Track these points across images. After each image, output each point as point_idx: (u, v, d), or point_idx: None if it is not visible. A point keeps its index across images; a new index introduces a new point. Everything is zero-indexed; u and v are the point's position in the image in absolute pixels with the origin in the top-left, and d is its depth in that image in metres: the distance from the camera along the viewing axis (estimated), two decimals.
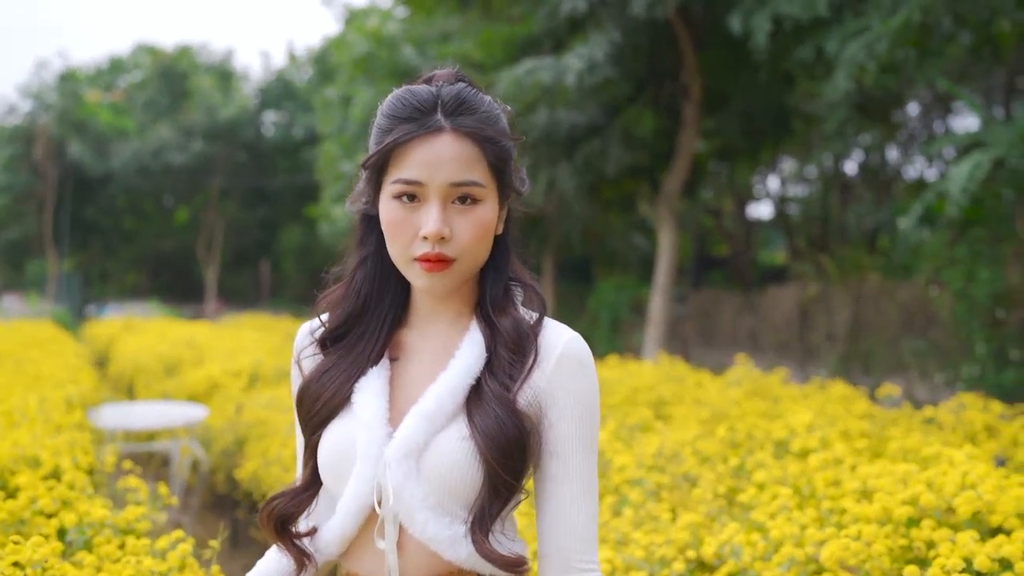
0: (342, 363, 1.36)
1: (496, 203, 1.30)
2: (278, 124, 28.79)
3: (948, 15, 5.47)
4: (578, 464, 1.30)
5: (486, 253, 1.31)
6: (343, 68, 14.99)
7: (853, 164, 15.34)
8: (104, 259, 31.11)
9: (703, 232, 19.35)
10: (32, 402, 4.02)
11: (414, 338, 1.38)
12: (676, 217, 9.36)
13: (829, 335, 10.11)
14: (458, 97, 1.28)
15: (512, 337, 1.31)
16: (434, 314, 1.37)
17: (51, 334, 11.88)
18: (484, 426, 1.25)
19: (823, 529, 2.03)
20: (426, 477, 1.26)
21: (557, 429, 1.30)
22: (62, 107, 27.39)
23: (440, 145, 1.25)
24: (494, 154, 1.29)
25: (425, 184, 1.25)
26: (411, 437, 1.26)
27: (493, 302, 1.35)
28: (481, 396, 1.28)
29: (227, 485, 5.45)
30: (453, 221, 1.26)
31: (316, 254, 27.29)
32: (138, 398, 7.92)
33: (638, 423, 4.18)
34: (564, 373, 1.30)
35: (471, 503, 1.27)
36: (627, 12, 7.55)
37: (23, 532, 2.19)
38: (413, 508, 1.25)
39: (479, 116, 1.29)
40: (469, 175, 1.26)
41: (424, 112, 1.27)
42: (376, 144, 1.30)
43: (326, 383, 1.35)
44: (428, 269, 1.26)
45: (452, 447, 1.26)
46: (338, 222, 14.15)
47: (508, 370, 1.30)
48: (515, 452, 1.26)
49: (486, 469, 1.25)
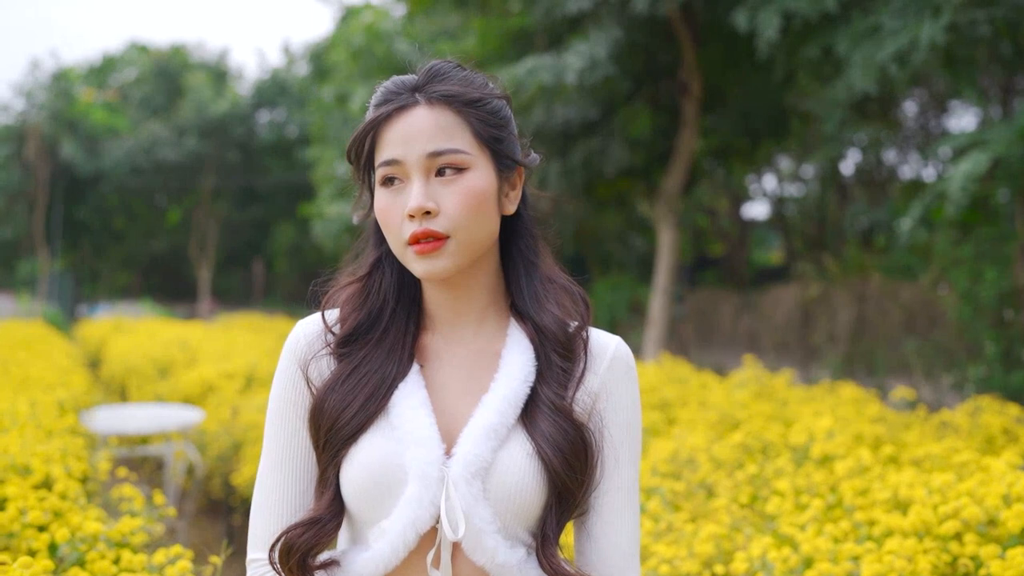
0: (364, 369, 1.21)
1: (490, 173, 1.18)
2: (272, 123, 28.66)
3: (986, 23, 5.36)
4: (624, 476, 1.22)
5: (486, 229, 1.18)
6: (339, 65, 14.89)
7: (849, 164, 15.30)
8: (95, 259, 30.91)
9: (697, 231, 19.29)
10: (22, 406, 3.89)
11: (439, 342, 1.25)
12: (676, 216, 9.27)
13: (831, 335, 10.04)
14: (431, 69, 1.20)
15: (560, 340, 1.20)
16: (456, 315, 1.24)
17: (41, 335, 11.73)
18: (551, 439, 1.14)
19: (860, 543, 1.92)
20: (492, 499, 1.14)
21: (610, 435, 1.21)
22: (54, 106, 27.20)
23: (413, 118, 1.16)
24: (478, 119, 1.18)
25: (403, 161, 1.16)
26: (479, 455, 1.13)
27: (530, 297, 1.23)
28: (538, 406, 1.17)
29: (223, 490, 5.34)
30: (438, 194, 1.15)
31: (309, 253, 27.18)
32: (131, 400, 7.80)
33: (647, 427, 4.08)
34: (615, 378, 1.22)
35: (533, 524, 1.17)
36: (629, 9, 7.46)
37: (12, 547, 2.07)
38: (483, 533, 1.12)
39: (452, 81, 1.19)
40: (447, 143, 1.15)
41: (399, 93, 1.18)
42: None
43: (350, 392, 1.19)
44: (420, 252, 1.15)
45: (518, 465, 1.14)
46: (332, 221, 14.04)
47: (560, 377, 1.19)
48: (582, 465, 1.17)
49: (552, 486, 1.15)
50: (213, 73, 28.44)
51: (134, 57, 30.71)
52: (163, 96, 27.99)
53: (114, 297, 29.54)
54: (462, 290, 1.23)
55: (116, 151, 26.82)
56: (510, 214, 1.24)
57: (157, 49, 29.75)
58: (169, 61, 28.59)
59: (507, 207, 1.23)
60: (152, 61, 28.94)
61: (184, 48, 29.45)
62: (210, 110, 26.21)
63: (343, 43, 13.68)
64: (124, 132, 27.65)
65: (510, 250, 1.27)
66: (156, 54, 29.37)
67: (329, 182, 14.88)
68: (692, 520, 2.60)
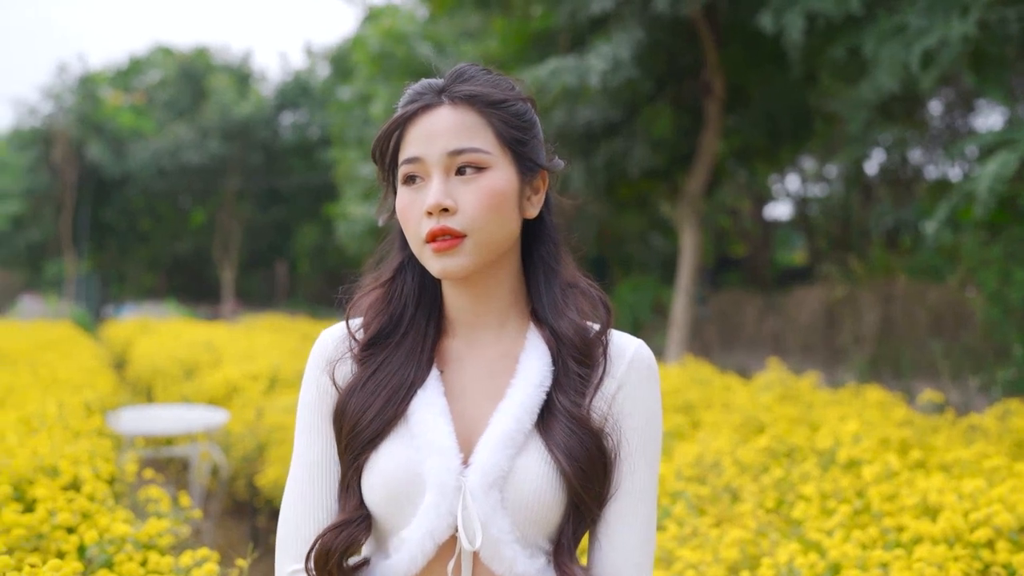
0: (384, 371, 1.21)
1: (511, 175, 1.18)
2: (295, 125, 28.80)
3: (1016, 21, 5.28)
4: (639, 481, 1.19)
5: (504, 229, 1.18)
6: (361, 66, 14.94)
7: (874, 164, 15.16)
8: (121, 260, 31.20)
9: (720, 232, 19.19)
10: (51, 407, 3.93)
11: (459, 347, 1.25)
12: (699, 218, 9.23)
13: (856, 337, 9.95)
14: (457, 71, 1.21)
15: (577, 346, 1.19)
16: (476, 319, 1.24)
17: (68, 335, 11.86)
18: (566, 447, 1.13)
19: (890, 550, 1.90)
20: (510, 508, 1.13)
21: (623, 437, 1.19)
22: (81, 109, 27.50)
23: (436, 117, 1.17)
24: (501, 120, 1.18)
25: (423, 159, 1.16)
26: (496, 464, 1.13)
27: (549, 303, 1.23)
28: (553, 414, 1.16)
29: (247, 491, 5.37)
30: (457, 192, 1.16)
31: (331, 255, 27.29)
32: (156, 401, 7.86)
33: (671, 430, 4.06)
34: (633, 380, 1.20)
35: (552, 532, 1.16)
36: (651, 9, 7.43)
37: (42, 548, 2.09)
38: (501, 543, 1.12)
39: (477, 82, 1.19)
40: (468, 142, 1.16)
41: (424, 93, 1.19)
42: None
43: (370, 395, 1.20)
44: (437, 249, 1.15)
45: (536, 473, 1.14)
46: (356, 223, 14.07)
47: (578, 384, 1.18)
48: (599, 473, 1.15)
49: (570, 494, 1.14)
50: (236, 75, 28.63)
51: (159, 60, 31.00)
52: (188, 98, 28.22)
53: (139, 298, 29.79)
54: (482, 293, 1.23)
55: (142, 153, 27.06)
56: (532, 218, 1.24)
57: (181, 52, 30.00)
58: (193, 63, 28.82)
59: (529, 211, 1.23)
60: (177, 64, 29.17)
61: (208, 51, 29.67)
62: (233, 112, 26.38)
63: (365, 44, 13.72)
64: (150, 134, 27.89)
65: (532, 254, 1.27)
66: (180, 57, 29.61)
67: (352, 183, 14.93)
68: (717, 524, 2.58)
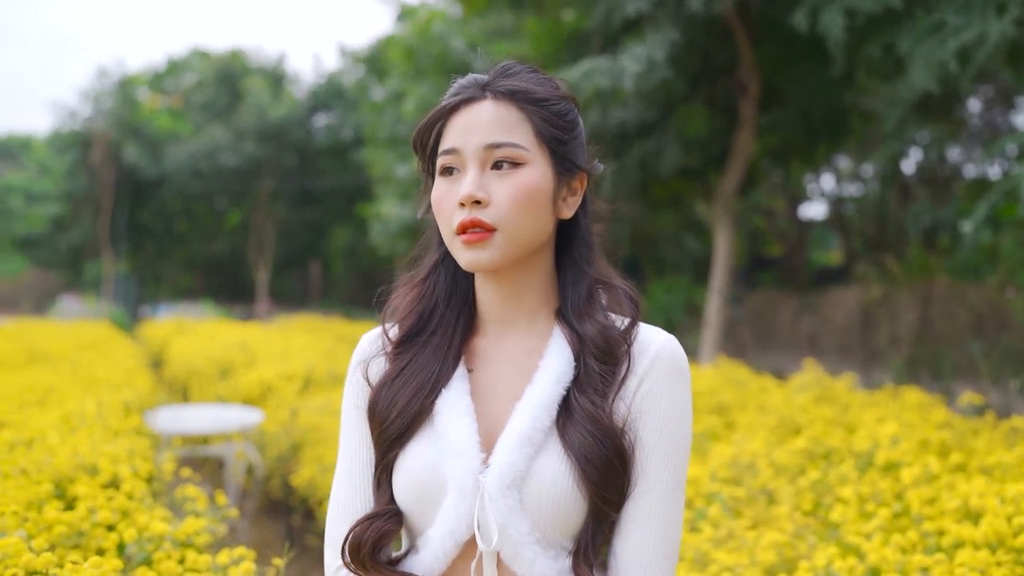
0: (411, 368, 1.23)
1: (547, 173, 1.18)
2: (328, 126, 28.99)
3: None
4: (656, 481, 1.15)
5: (535, 226, 1.18)
6: (395, 66, 14.98)
7: (911, 162, 14.96)
8: (158, 261, 31.62)
9: (754, 232, 19.03)
10: (90, 406, 3.99)
11: (488, 346, 1.25)
12: (733, 218, 9.16)
13: (893, 338, 9.82)
14: (503, 67, 1.21)
15: (599, 345, 1.18)
16: (506, 317, 1.24)
17: (107, 336, 12.03)
18: (581, 448, 1.12)
19: (931, 554, 1.87)
20: (529, 509, 1.13)
21: (642, 435, 1.16)
22: (119, 112, 27.91)
23: (478, 110, 1.18)
24: (542, 118, 1.18)
25: (461, 150, 1.17)
26: (513, 464, 1.13)
27: (573, 305, 1.22)
28: (571, 413, 1.15)
29: (282, 491, 5.41)
30: (492, 186, 1.16)
31: (365, 255, 27.45)
32: (193, 401, 7.95)
33: (705, 431, 4.03)
34: (655, 376, 1.17)
35: (576, 533, 1.15)
36: (685, 9, 7.37)
37: (82, 545, 2.12)
38: (519, 544, 1.12)
39: (521, 79, 1.20)
40: (506, 137, 1.16)
41: (468, 87, 1.20)
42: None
43: (397, 391, 1.22)
44: (467, 241, 1.15)
45: (555, 473, 1.13)
46: (390, 223, 14.11)
47: (598, 383, 1.16)
48: (616, 475, 1.13)
49: (589, 495, 1.13)
50: (271, 78, 28.90)
51: (195, 62, 31.40)
52: (224, 100, 28.54)
53: (176, 298, 30.18)
54: (512, 290, 1.23)
55: (178, 155, 27.42)
56: (566, 218, 1.24)
57: (217, 55, 30.34)
58: (228, 66, 29.14)
59: (564, 211, 1.23)
60: (213, 66, 29.52)
61: (243, 53, 29.99)
62: (268, 115, 26.64)
63: (398, 43, 13.77)
64: (187, 137, 28.24)
65: (564, 255, 1.26)
66: (216, 59, 29.96)
67: (387, 184, 14.98)
68: (753, 527, 2.56)
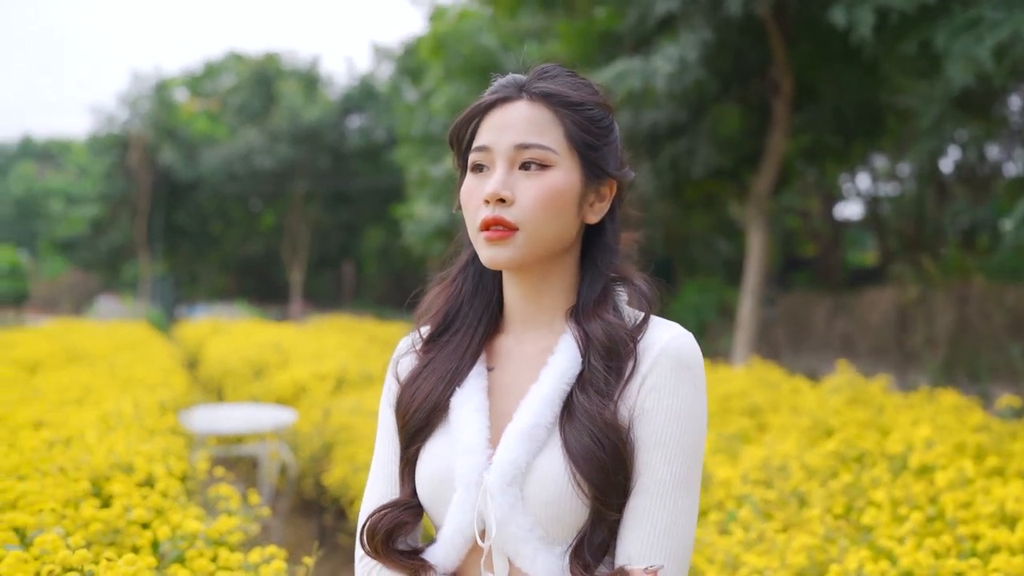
0: (432, 364, 1.27)
1: (574, 177, 1.20)
2: (361, 128, 29.17)
3: None
4: (656, 477, 1.14)
5: (556, 228, 1.19)
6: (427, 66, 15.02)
7: (949, 161, 14.73)
8: (194, 262, 32.02)
9: (788, 232, 18.86)
10: (127, 406, 4.05)
11: (511, 344, 1.27)
12: (766, 218, 9.09)
13: (929, 340, 9.68)
14: (541, 68, 1.23)
15: (603, 343, 1.18)
16: (528, 317, 1.26)
17: (144, 336, 12.20)
18: (576, 447, 1.12)
19: (966, 559, 1.85)
20: (531, 506, 1.14)
21: (641, 433, 1.15)
22: (156, 116, 28.31)
23: (511, 110, 1.20)
24: (574, 122, 1.20)
25: (492, 148, 1.19)
26: (513, 461, 1.14)
27: (584, 304, 1.23)
28: (573, 412, 1.15)
29: (315, 490, 5.45)
30: (517, 186, 1.18)
31: (398, 256, 27.59)
32: (227, 401, 8.04)
33: (736, 433, 4.01)
34: (658, 373, 1.16)
35: (578, 530, 1.15)
36: (721, 10, 7.32)
37: (118, 543, 2.16)
38: (519, 540, 1.13)
39: (557, 82, 1.21)
40: (536, 138, 1.18)
41: (506, 86, 1.22)
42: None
43: (418, 386, 1.26)
44: (489, 238, 1.17)
45: (554, 471, 1.13)
46: (423, 223, 14.15)
47: (601, 381, 1.16)
48: (613, 473, 1.12)
49: (589, 494, 1.13)
50: (305, 80, 29.15)
51: (232, 65, 31.79)
52: (258, 103, 28.84)
53: (211, 299, 30.54)
54: (533, 290, 1.25)
55: (214, 158, 27.75)
56: (592, 223, 1.25)
57: (252, 58, 30.67)
58: (263, 68, 29.45)
59: (590, 216, 1.24)
60: (249, 69, 29.85)
61: (277, 56, 30.28)
62: (302, 117, 26.88)
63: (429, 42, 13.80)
64: (223, 139, 28.59)
65: (587, 258, 1.27)
66: (251, 62, 30.29)
67: (420, 185, 15.02)
68: (784, 530, 2.54)
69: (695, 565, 2.36)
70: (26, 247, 39.58)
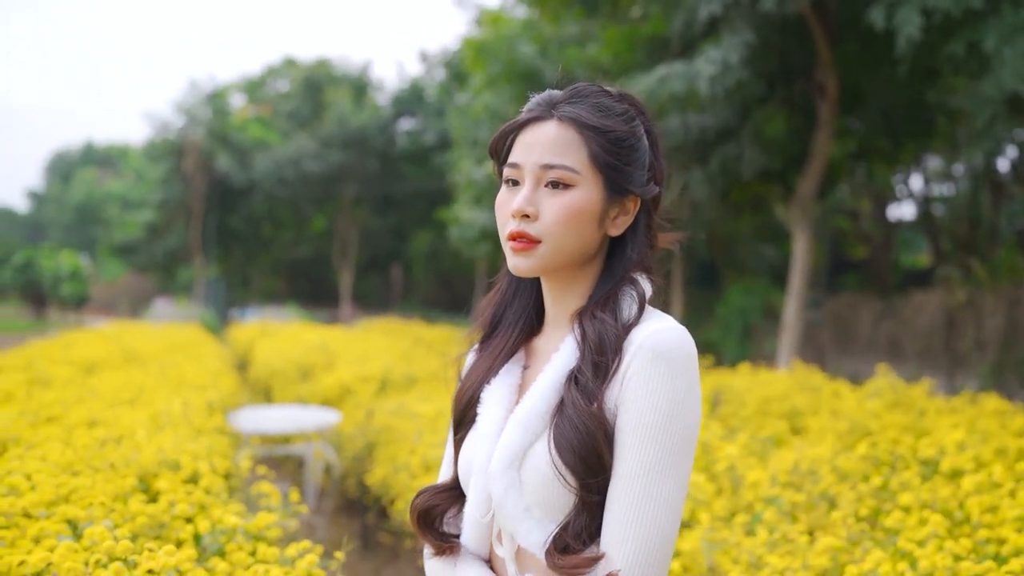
0: (477, 363, 1.41)
1: (597, 195, 1.28)
2: (410, 131, 29.42)
3: None
4: (631, 467, 1.20)
5: (576, 242, 1.29)
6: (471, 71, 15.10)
7: (1005, 161, 14.41)
8: (246, 265, 32.58)
9: (837, 234, 18.59)
10: (176, 406, 4.20)
11: (543, 344, 1.39)
12: (811, 221, 9.02)
13: (979, 343, 9.52)
14: (574, 89, 1.32)
15: (593, 340, 1.26)
16: (556, 318, 1.37)
17: (196, 338, 12.47)
18: (559, 437, 1.22)
19: (980, 562, 1.87)
20: (526, 489, 1.25)
21: (619, 423, 1.22)
22: (211, 123, 28.91)
23: (541, 130, 1.29)
24: (598, 144, 1.28)
25: (521, 165, 1.29)
26: (510, 446, 1.26)
27: (586, 306, 1.32)
28: (563, 406, 1.25)
29: (358, 490, 5.56)
30: (542, 202, 1.28)
31: (445, 259, 27.78)
32: (275, 402, 8.21)
33: (771, 436, 4.02)
34: (636, 366, 1.22)
35: (569, 512, 1.25)
36: (759, 9, 7.29)
37: (163, 536, 2.27)
38: (516, 519, 1.24)
39: (586, 105, 1.30)
40: (560, 159, 1.27)
41: (541, 105, 1.32)
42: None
43: (464, 383, 1.41)
44: (514, 248, 1.28)
45: (544, 458, 1.23)
46: (469, 227, 14.25)
47: (589, 376, 1.24)
48: (594, 463, 1.21)
49: (573, 481, 1.22)
50: (354, 86, 29.51)
51: (286, 70, 32.36)
52: (309, 109, 29.28)
53: (262, 301, 31.06)
54: (560, 294, 1.35)
55: (266, 163, 28.23)
56: (614, 235, 1.33)
57: (305, 64, 31.16)
58: (315, 74, 29.89)
59: (612, 229, 1.32)
60: (301, 75, 30.34)
61: (329, 62, 30.72)
62: (351, 122, 27.22)
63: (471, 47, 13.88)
64: (275, 145, 29.07)
65: (607, 267, 1.36)
66: (304, 68, 30.78)
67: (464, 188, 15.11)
68: (809, 532, 2.57)
69: (719, 565, 2.40)
70: (86, 251, 40.71)
